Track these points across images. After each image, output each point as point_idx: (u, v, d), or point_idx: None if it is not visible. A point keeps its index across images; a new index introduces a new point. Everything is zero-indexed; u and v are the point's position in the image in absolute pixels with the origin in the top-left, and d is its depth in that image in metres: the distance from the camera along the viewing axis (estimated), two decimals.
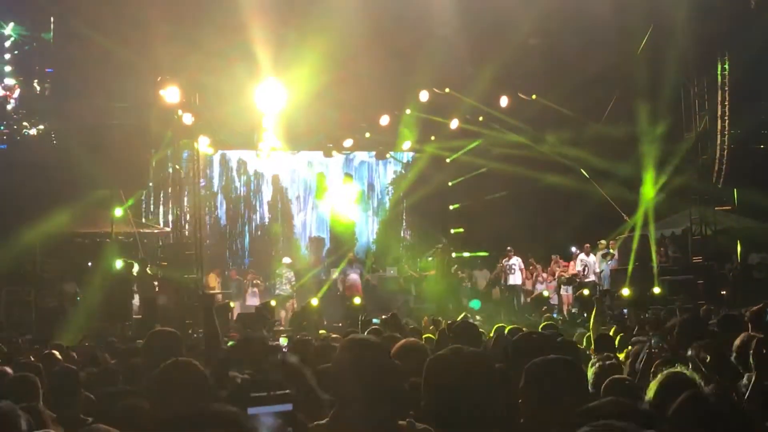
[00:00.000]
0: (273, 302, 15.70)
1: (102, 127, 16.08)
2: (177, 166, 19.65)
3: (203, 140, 18.59)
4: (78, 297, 15.11)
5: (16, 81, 18.25)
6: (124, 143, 16.08)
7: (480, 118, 19.96)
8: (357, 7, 14.28)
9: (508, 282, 19.34)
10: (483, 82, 17.16)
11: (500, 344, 6.45)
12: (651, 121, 17.93)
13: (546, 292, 19.39)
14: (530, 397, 2.96)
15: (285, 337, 8.61)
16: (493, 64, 16.41)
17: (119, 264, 15.41)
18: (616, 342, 7.45)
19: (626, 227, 18.62)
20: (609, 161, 18.81)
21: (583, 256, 18.76)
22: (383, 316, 10.87)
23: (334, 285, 18.91)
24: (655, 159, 18.10)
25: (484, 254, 21.40)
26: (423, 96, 18.19)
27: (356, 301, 17.40)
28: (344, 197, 23.17)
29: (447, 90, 18.42)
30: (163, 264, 16.32)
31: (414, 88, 18.01)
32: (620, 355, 6.50)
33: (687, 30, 16.02)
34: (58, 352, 7.21)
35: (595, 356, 6.12)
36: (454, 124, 19.87)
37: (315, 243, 23.09)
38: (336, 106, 18.38)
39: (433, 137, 21.13)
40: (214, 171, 22.64)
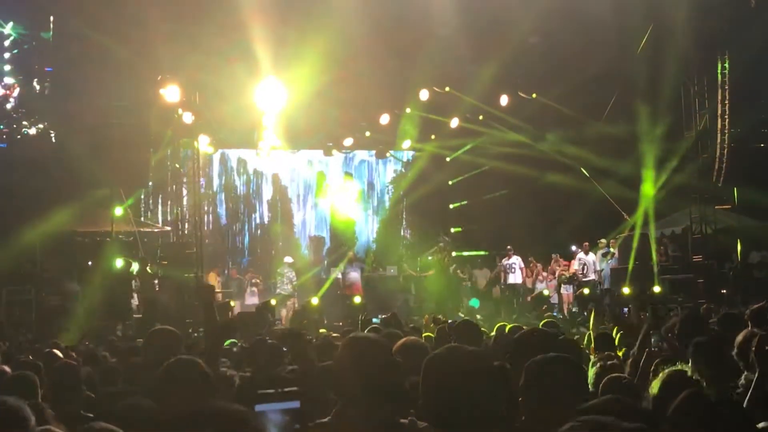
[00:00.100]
0: (273, 301, 15.72)
1: (102, 126, 16.06)
2: (177, 165, 19.64)
3: (203, 139, 18.59)
4: (77, 297, 15.10)
5: (15, 80, 18.25)
6: (124, 142, 16.07)
7: (480, 117, 19.95)
8: (357, 6, 14.27)
9: (508, 281, 19.35)
10: (483, 80, 17.15)
11: (500, 343, 6.46)
12: (651, 120, 17.92)
13: (546, 291, 19.40)
14: (530, 396, 2.96)
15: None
16: (493, 62, 16.40)
17: (119, 263, 15.42)
18: (616, 341, 7.44)
19: (626, 226, 18.61)
20: (609, 160, 18.81)
21: (581, 255, 18.76)
22: (383, 315, 10.87)
23: (335, 284, 18.92)
24: (655, 158, 18.10)
25: (482, 253, 21.39)
26: (423, 95, 18.18)
27: (356, 300, 17.41)
28: (344, 196, 23.17)
29: (447, 89, 18.40)
30: (163, 263, 16.32)
31: (414, 86, 18.00)
32: (619, 353, 6.50)
33: (687, 29, 16.01)
34: (57, 350, 7.21)
35: (596, 355, 6.13)
36: (455, 122, 19.87)
37: (315, 242, 23.09)
38: (336, 105, 18.36)
39: (433, 136, 21.13)
40: (214, 170, 22.64)
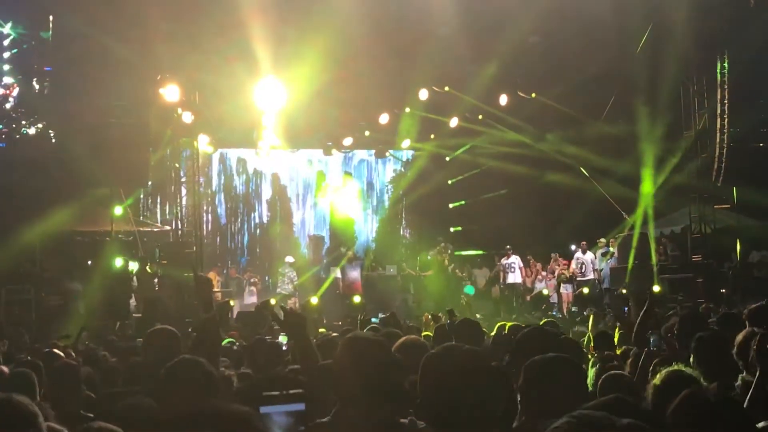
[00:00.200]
0: (273, 301, 15.73)
1: (101, 125, 16.04)
2: (176, 165, 19.62)
3: (203, 138, 18.59)
4: (77, 296, 15.10)
5: (14, 80, 18.24)
6: (123, 142, 16.04)
7: (480, 117, 19.96)
8: (357, 5, 14.27)
9: (507, 281, 19.36)
10: (483, 80, 17.16)
11: (499, 342, 6.46)
12: (650, 120, 17.93)
13: (546, 291, 19.41)
14: (529, 396, 2.96)
15: (285, 335, 8.59)
16: (492, 62, 16.41)
17: (119, 262, 15.42)
18: (616, 339, 7.44)
19: (626, 225, 18.63)
20: (609, 159, 18.82)
21: (579, 254, 18.79)
22: (382, 314, 10.87)
23: (334, 284, 18.92)
24: (655, 157, 18.11)
25: (480, 252, 21.39)
26: (423, 94, 18.17)
27: (356, 300, 17.42)
28: (344, 195, 23.18)
29: (447, 88, 18.40)
30: (162, 262, 16.32)
31: (414, 86, 18.00)
32: (618, 351, 6.50)
33: (686, 28, 16.00)
34: (56, 350, 7.20)
35: (595, 355, 6.13)
36: (454, 122, 19.87)
37: (314, 241, 23.09)
38: (335, 105, 18.36)
39: (432, 135, 21.13)
40: (214, 169, 22.64)
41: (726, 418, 2.68)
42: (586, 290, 18.08)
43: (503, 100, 18.95)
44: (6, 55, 18.15)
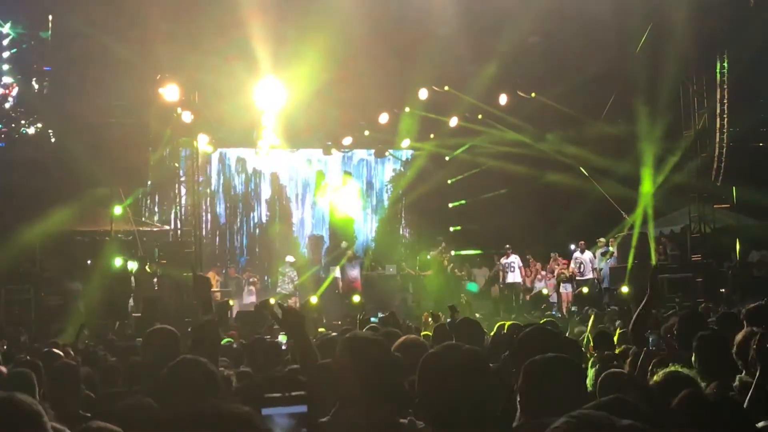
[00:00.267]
0: (272, 300, 15.71)
1: (101, 125, 16.03)
2: (176, 165, 19.62)
3: (202, 138, 18.57)
4: (77, 296, 15.10)
5: (14, 79, 18.21)
6: (123, 141, 16.04)
7: (479, 116, 19.96)
8: (356, 5, 14.27)
9: (507, 280, 19.35)
10: (482, 80, 17.15)
11: (498, 342, 6.47)
12: (650, 119, 17.93)
13: (545, 290, 19.41)
14: (528, 396, 2.95)
15: (284, 334, 8.58)
16: (492, 62, 16.41)
17: (118, 262, 15.42)
18: (615, 338, 7.45)
19: (625, 225, 18.63)
20: (608, 159, 18.82)
21: (577, 254, 18.79)
22: (381, 314, 10.88)
23: (333, 283, 18.91)
24: (654, 157, 18.11)
25: (480, 252, 21.38)
26: (422, 94, 18.17)
27: (355, 299, 17.41)
28: (343, 195, 23.17)
29: (446, 88, 18.40)
30: (162, 262, 16.31)
31: (413, 86, 17.99)
32: (617, 350, 6.50)
33: (686, 28, 16.00)
34: (56, 350, 7.19)
35: (595, 354, 6.13)
36: (454, 122, 19.86)
37: (313, 241, 23.08)
38: (335, 104, 18.35)
39: (432, 135, 21.12)
40: (213, 169, 22.62)
41: (726, 418, 2.68)
42: (585, 290, 18.08)
43: (503, 99, 18.94)
44: (5, 54, 18.13)
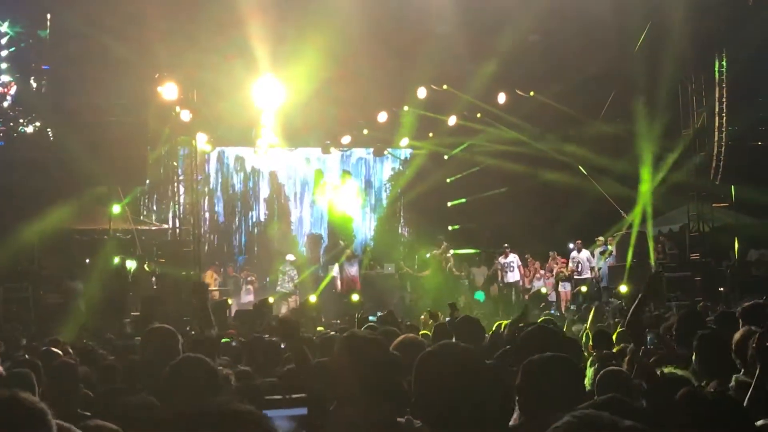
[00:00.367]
0: (271, 299, 15.72)
1: (99, 124, 16.03)
2: (174, 163, 19.61)
3: (201, 137, 18.54)
4: (77, 295, 15.08)
5: (12, 78, 18.20)
6: (121, 140, 16.05)
7: (478, 115, 19.96)
8: (355, 3, 14.25)
9: (506, 279, 19.36)
10: (481, 79, 17.15)
11: (496, 341, 6.47)
12: (649, 118, 17.93)
13: (544, 289, 19.41)
14: (526, 395, 2.95)
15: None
16: (491, 60, 16.40)
17: (117, 261, 15.40)
18: (614, 337, 7.45)
19: (624, 224, 18.64)
20: (607, 158, 18.83)
21: (574, 253, 18.81)
22: (380, 313, 10.88)
23: (332, 282, 18.92)
24: (653, 156, 18.11)
25: (479, 251, 21.38)
26: (421, 93, 18.18)
27: (354, 298, 17.42)
28: (342, 194, 23.16)
29: (445, 87, 18.40)
30: (161, 261, 16.30)
31: (412, 84, 18.00)
32: (615, 348, 6.50)
33: (685, 27, 15.99)
34: (55, 348, 7.18)
35: (594, 353, 6.13)
36: (452, 120, 19.86)
37: (312, 240, 23.07)
38: (334, 103, 18.34)
39: (431, 134, 21.12)
40: (212, 168, 22.61)
41: (725, 417, 2.68)
42: (584, 288, 18.09)
43: (502, 98, 18.95)
44: (3, 53, 18.11)
